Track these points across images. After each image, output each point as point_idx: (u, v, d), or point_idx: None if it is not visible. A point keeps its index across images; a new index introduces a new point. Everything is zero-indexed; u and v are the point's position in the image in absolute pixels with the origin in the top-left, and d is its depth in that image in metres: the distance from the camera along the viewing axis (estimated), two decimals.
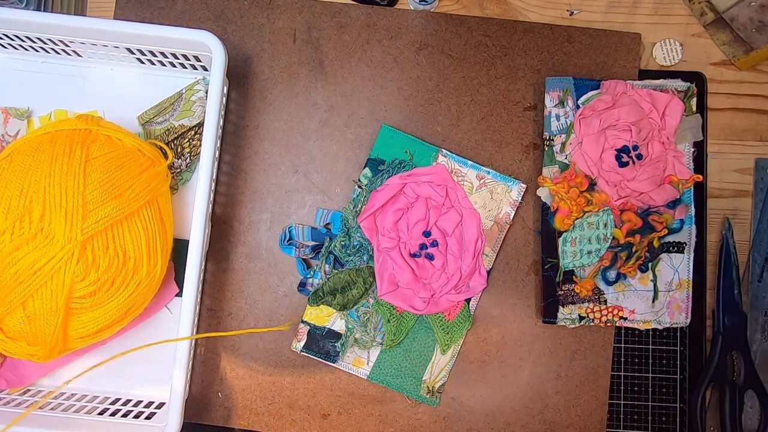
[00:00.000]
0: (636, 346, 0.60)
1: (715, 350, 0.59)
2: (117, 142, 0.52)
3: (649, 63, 0.63)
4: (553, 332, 0.60)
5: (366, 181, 0.59)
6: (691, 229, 0.59)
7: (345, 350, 0.58)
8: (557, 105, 0.59)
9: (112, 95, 0.60)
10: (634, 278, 0.59)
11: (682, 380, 0.60)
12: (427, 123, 0.61)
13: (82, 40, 0.55)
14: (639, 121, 0.58)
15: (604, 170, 0.59)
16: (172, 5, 0.62)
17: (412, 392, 0.58)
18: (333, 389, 0.59)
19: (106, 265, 0.48)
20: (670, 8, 0.63)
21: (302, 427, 0.59)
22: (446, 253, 0.59)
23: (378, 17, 0.62)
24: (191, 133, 0.59)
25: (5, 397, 0.55)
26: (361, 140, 0.61)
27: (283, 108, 0.61)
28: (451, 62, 0.62)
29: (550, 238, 0.59)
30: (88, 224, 0.47)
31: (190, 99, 0.59)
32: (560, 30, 0.62)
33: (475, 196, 0.59)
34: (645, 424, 0.59)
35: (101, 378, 0.57)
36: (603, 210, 0.58)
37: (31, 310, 0.47)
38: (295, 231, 0.59)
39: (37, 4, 0.59)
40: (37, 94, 0.60)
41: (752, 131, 0.62)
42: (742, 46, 0.61)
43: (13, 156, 0.49)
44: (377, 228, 0.58)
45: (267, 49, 0.62)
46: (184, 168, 0.59)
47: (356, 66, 0.62)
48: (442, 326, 0.58)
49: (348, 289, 0.58)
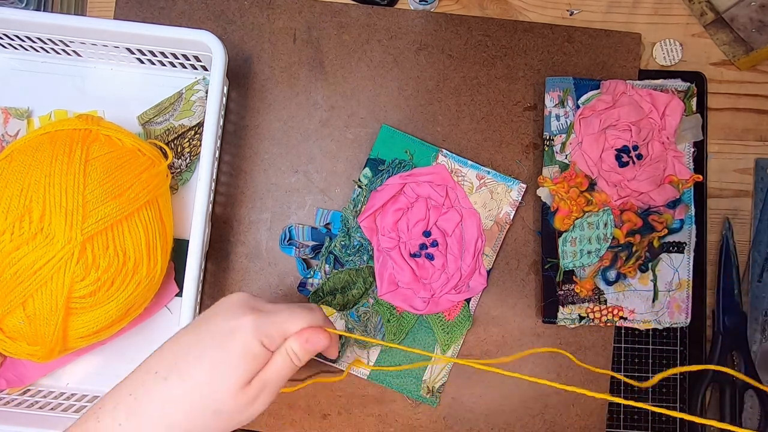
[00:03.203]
0: (636, 346, 0.60)
1: (715, 350, 0.59)
2: (117, 142, 0.52)
3: (649, 63, 0.63)
4: (553, 332, 0.60)
5: (366, 181, 0.59)
6: (691, 229, 0.59)
7: (345, 350, 0.58)
8: (557, 105, 0.59)
9: (112, 95, 0.60)
10: (634, 278, 0.59)
11: (682, 380, 0.60)
12: (427, 123, 0.61)
13: (82, 40, 0.55)
14: (639, 121, 0.58)
15: (604, 170, 0.59)
16: (172, 5, 0.62)
17: (412, 392, 0.58)
18: (333, 389, 0.59)
19: (106, 265, 0.48)
20: (670, 8, 0.63)
21: (302, 427, 0.59)
22: (446, 253, 0.59)
23: (378, 17, 0.62)
24: (191, 133, 0.59)
25: (5, 397, 0.55)
26: (361, 140, 0.61)
27: (283, 108, 0.61)
28: (451, 62, 0.62)
29: (550, 238, 0.59)
30: (88, 224, 0.47)
31: (190, 99, 0.59)
32: (560, 30, 0.62)
33: (475, 196, 0.59)
34: (645, 424, 0.59)
35: (101, 378, 0.57)
36: (603, 210, 0.58)
37: (31, 310, 0.47)
38: (295, 231, 0.59)
39: (37, 4, 0.59)
40: (37, 94, 0.60)
41: (752, 131, 0.62)
42: (742, 46, 0.61)
43: (13, 156, 0.49)
44: (377, 228, 0.58)
45: (267, 49, 0.62)
46: (184, 168, 0.59)
47: (356, 66, 0.62)
48: (442, 326, 0.58)
49: (348, 289, 0.58)
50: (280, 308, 0.40)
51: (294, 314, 0.39)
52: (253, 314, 0.38)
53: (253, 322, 0.38)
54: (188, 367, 0.37)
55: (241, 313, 0.38)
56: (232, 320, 0.38)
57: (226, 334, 0.37)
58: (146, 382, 0.37)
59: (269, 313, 0.39)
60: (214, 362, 0.37)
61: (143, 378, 0.37)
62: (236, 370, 0.37)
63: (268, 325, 0.38)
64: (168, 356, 0.38)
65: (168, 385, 0.36)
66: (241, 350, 0.37)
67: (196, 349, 0.37)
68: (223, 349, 0.37)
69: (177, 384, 0.36)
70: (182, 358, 0.37)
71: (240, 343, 0.37)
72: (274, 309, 0.39)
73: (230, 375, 0.37)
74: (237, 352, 0.37)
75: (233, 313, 0.38)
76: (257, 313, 0.38)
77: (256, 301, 0.40)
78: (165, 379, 0.36)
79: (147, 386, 0.37)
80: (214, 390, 0.36)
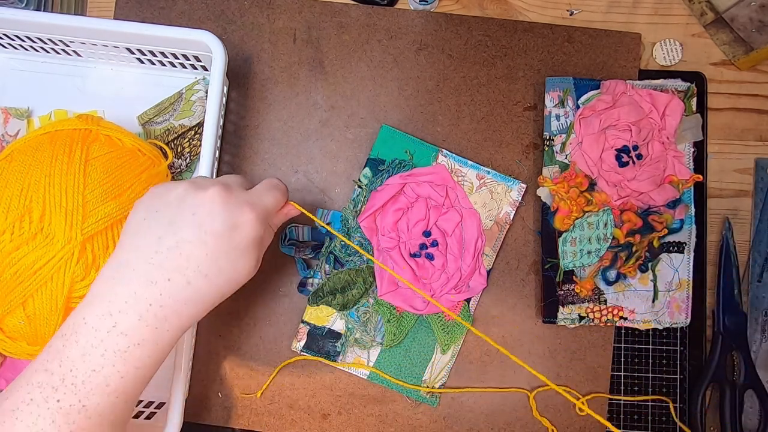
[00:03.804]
0: (636, 346, 0.60)
1: (715, 350, 0.59)
2: (117, 142, 0.52)
3: (649, 63, 0.63)
4: (553, 332, 0.60)
5: (366, 181, 0.59)
6: (691, 229, 0.59)
7: (345, 350, 0.58)
8: (557, 105, 0.59)
9: (112, 95, 0.60)
10: (634, 278, 0.59)
11: (682, 380, 0.60)
12: (427, 123, 0.61)
13: (82, 40, 0.55)
14: (639, 121, 0.58)
15: (604, 170, 0.59)
16: (172, 5, 0.62)
17: (412, 392, 0.58)
18: (333, 389, 0.59)
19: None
20: (670, 8, 0.63)
21: (302, 427, 0.59)
22: (446, 253, 0.59)
23: (378, 17, 0.62)
24: (191, 133, 0.59)
25: None
26: (361, 140, 0.61)
27: (283, 108, 0.61)
28: (451, 62, 0.62)
29: (550, 238, 0.59)
30: (88, 224, 0.47)
31: (190, 99, 0.59)
32: (560, 30, 0.62)
33: (475, 196, 0.59)
34: (645, 424, 0.59)
35: None
36: (603, 210, 0.58)
37: (31, 310, 0.47)
38: (295, 231, 0.59)
39: (37, 4, 0.59)
40: (37, 94, 0.60)
41: (752, 131, 0.62)
42: (742, 46, 0.61)
43: (13, 156, 0.49)
44: (377, 228, 0.58)
45: (267, 49, 0.62)
46: (184, 168, 0.59)
47: (356, 66, 0.62)
48: (442, 326, 0.58)
49: (348, 289, 0.58)
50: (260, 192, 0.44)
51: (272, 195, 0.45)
52: (249, 208, 0.41)
53: (253, 216, 0.41)
54: (214, 273, 0.40)
55: (239, 211, 0.41)
56: (237, 217, 0.41)
57: (233, 230, 0.40)
58: (176, 285, 0.39)
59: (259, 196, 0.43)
60: (236, 267, 0.41)
61: (172, 283, 0.39)
62: (250, 262, 0.42)
63: (262, 215, 0.42)
64: (185, 262, 0.39)
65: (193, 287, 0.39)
66: (252, 243, 0.42)
67: (218, 259, 0.40)
68: (239, 251, 0.41)
69: (203, 286, 0.40)
70: (205, 265, 0.39)
71: (248, 237, 0.41)
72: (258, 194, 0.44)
73: (248, 267, 0.42)
74: (248, 248, 0.41)
75: (234, 211, 0.41)
76: (252, 207, 0.42)
77: (243, 192, 0.43)
78: (189, 284, 0.39)
79: (177, 287, 0.39)
80: (237, 283, 0.42)
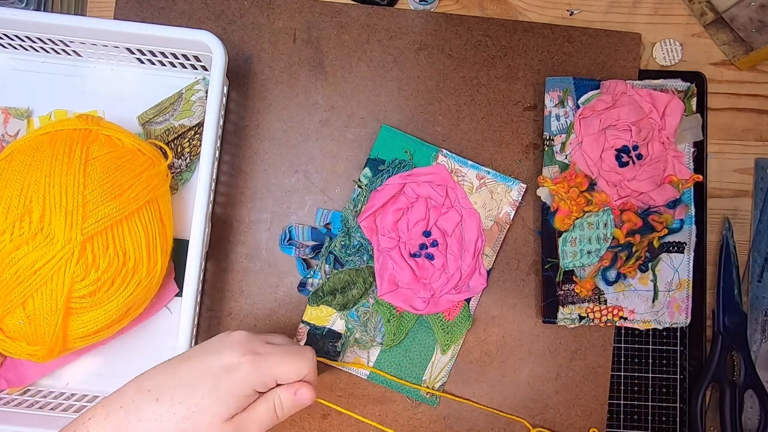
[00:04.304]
0: (636, 346, 0.60)
1: (715, 350, 0.59)
2: (117, 142, 0.52)
3: (649, 63, 0.63)
4: (553, 332, 0.60)
5: (366, 181, 0.59)
6: (691, 229, 0.59)
7: (345, 350, 0.58)
8: (557, 105, 0.59)
9: (112, 95, 0.60)
10: (634, 278, 0.59)
11: (682, 380, 0.60)
12: (427, 123, 0.61)
13: (82, 40, 0.55)
14: (639, 121, 0.58)
15: (604, 170, 0.59)
16: (172, 5, 0.62)
17: (412, 392, 0.58)
18: (333, 389, 0.59)
19: (106, 265, 0.48)
20: (670, 8, 0.63)
21: (302, 427, 0.59)
22: (446, 253, 0.59)
23: (378, 17, 0.62)
24: (191, 133, 0.59)
25: (5, 397, 0.55)
26: (361, 140, 0.61)
27: (283, 108, 0.61)
28: (451, 62, 0.62)
29: (550, 238, 0.59)
30: (88, 224, 0.47)
31: (190, 99, 0.59)
32: (560, 30, 0.62)
33: (475, 196, 0.59)
34: (645, 424, 0.59)
35: (101, 378, 0.57)
36: (603, 210, 0.58)
37: (31, 310, 0.47)
38: (295, 231, 0.59)
39: (37, 4, 0.59)
40: (37, 94, 0.60)
41: (752, 131, 0.62)
42: (742, 46, 0.61)
43: (13, 156, 0.49)
44: (377, 228, 0.58)
45: (267, 49, 0.62)
46: (184, 168, 0.59)
47: (356, 66, 0.62)
48: (442, 326, 0.58)
49: (348, 289, 0.58)
50: (275, 351, 0.42)
51: (287, 361, 0.41)
52: (251, 357, 0.40)
53: (251, 364, 0.40)
54: (181, 393, 0.39)
55: (240, 353, 0.40)
56: (231, 359, 0.40)
57: (223, 371, 0.40)
58: (137, 400, 0.39)
59: (266, 356, 0.41)
60: (207, 394, 0.39)
61: (135, 395, 0.39)
62: (225, 406, 0.39)
63: (263, 370, 0.40)
64: (162, 379, 0.40)
65: (159, 406, 0.38)
66: (234, 390, 0.39)
67: (192, 379, 0.39)
68: (217, 384, 0.39)
69: (167, 407, 0.38)
70: (177, 385, 0.39)
71: (234, 383, 0.39)
72: (270, 352, 0.41)
73: (219, 408, 0.39)
74: (230, 390, 0.39)
75: (233, 352, 0.40)
76: (255, 357, 0.40)
77: (255, 342, 0.42)
78: (156, 400, 0.38)
79: (138, 403, 0.39)
80: (201, 420, 0.39)
